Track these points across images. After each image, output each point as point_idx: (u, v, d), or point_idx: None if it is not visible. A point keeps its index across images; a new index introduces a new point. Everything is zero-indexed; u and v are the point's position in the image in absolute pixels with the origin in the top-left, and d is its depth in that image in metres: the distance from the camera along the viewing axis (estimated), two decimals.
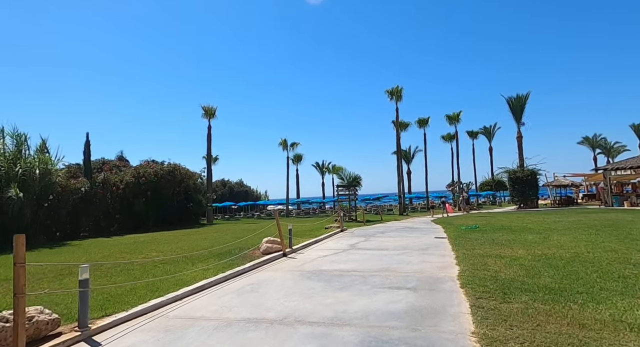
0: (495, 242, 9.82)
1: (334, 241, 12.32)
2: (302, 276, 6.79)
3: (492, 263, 6.97)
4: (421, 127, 38.54)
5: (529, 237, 10.40)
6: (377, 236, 13.11)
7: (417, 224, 18.97)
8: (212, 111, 30.42)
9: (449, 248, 9.43)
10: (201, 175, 28.68)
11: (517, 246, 8.86)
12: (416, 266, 7.20)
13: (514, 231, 12.13)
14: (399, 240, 11.73)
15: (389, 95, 30.68)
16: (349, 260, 8.31)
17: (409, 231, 14.64)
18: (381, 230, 15.73)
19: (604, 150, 51.91)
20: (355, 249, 10.01)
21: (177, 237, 16.01)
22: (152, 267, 8.06)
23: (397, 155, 31.24)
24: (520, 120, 31.79)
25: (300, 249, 10.35)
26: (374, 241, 11.86)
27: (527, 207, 30.59)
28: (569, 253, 7.59)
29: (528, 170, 30.90)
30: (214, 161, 47.73)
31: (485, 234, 11.68)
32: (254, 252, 9.46)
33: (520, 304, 4.36)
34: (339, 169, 24.68)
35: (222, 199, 47.88)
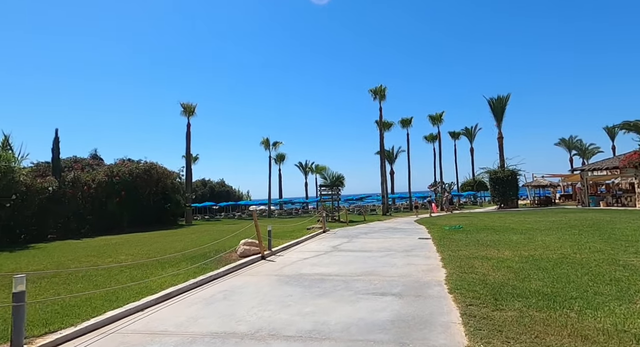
0: (480, 243, 9.60)
1: (316, 242, 11.89)
2: (280, 281, 6.32)
3: (479, 265, 6.68)
4: (404, 127, 38.59)
5: (513, 238, 10.25)
6: (360, 237, 12.76)
7: (401, 224, 18.76)
8: (191, 109, 29.48)
9: (434, 249, 9.14)
10: (180, 174, 27.75)
11: (502, 247, 8.65)
12: (401, 269, 6.84)
13: (497, 231, 12.00)
14: (383, 241, 11.40)
15: (373, 95, 30.53)
16: (330, 263, 7.89)
17: (393, 232, 14.36)
18: (364, 231, 15.41)
19: (580, 152, 53.41)
20: (338, 251, 9.61)
21: (152, 239, 15.24)
22: (117, 273, 7.42)
23: (381, 155, 31.10)
24: (501, 121, 32.19)
25: (280, 251, 9.86)
26: (357, 242, 11.49)
27: (507, 207, 30.97)
28: (556, 254, 7.39)
29: (508, 171, 31.28)
30: (194, 160, 46.58)
31: (469, 235, 11.49)
32: (230, 255, 8.92)
33: (514, 311, 4.03)
34: (322, 168, 24.30)
35: (202, 199, 46.75)
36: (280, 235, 13.48)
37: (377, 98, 30.41)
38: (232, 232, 14.19)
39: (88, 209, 20.87)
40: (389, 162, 45.78)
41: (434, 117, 37.69)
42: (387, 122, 35.38)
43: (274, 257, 8.89)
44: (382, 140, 30.86)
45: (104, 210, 21.37)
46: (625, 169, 23.87)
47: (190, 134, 29.46)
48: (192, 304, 5.05)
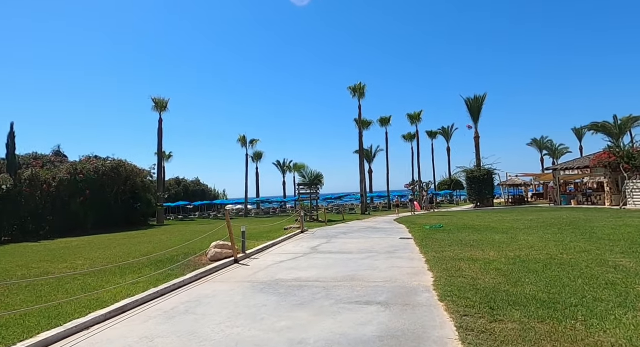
0: (463, 243, 9.31)
1: (294, 243, 11.30)
2: (254, 288, 5.71)
3: (467, 268, 6.30)
4: (383, 125, 38.54)
5: (495, 237, 10.03)
6: (339, 237, 12.27)
7: (380, 223, 18.44)
8: (163, 103, 28.12)
9: (417, 250, 8.75)
10: (151, 172, 26.40)
11: (486, 247, 8.36)
12: (385, 273, 6.37)
13: (478, 231, 11.80)
14: (363, 241, 10.95)
15: (352, 92, 30.14)
16: (309, 266, 7.34)
17: (373, 231, 13.97)
18: (343, 230, 14.95)
19: (550, 152, 55.22)
20: (317, 253, 9.06)
21: (117, 241, 14.21)
22: (69, 281, 6.59)
23: (360, 154, 30.82)
24: (478, 120, 32.60)
25: (255, 253, 9.22)
26: (336, 242, 10.99)
27: (483, 206, 31.40)
28: (542, 255, 7.14)
29: (484, 170, 31.72)
30: (167, 158, 44.92)
31: (450, 234, 11.22)
32: (200, 258, 8.21)
33: (515, 323, 3.61)
34: (301, 166, 23.69)
35: (176, 198, 45.13)
36: (256, 236, 12.81)
37: (356, 95, 30.06)
38: (205, 233, 13.39)
39: (48, 209, 19.38)
40: (367, 161, 45.70)
41: (412, 115, 37.83)
42: (366, 121, 35.17)
43: (248, 261, 8.24)
44: (361, 139, 30.59)
45: (66, 210, 19.91)
46: (595, 168, 24.55)
47: (162, 130, 28.18)
48: (149, 319, 4.37)
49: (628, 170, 22.07)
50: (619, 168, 22.57)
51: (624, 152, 22.95)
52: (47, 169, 20.99)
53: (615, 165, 22.99)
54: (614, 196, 23.85)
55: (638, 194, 21.56)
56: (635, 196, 21.64)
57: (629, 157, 22.48)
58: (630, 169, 22.08)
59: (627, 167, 22.14)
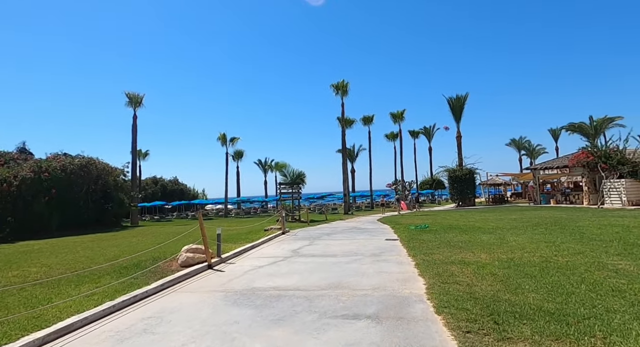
0: (452, 244, 8.90)
1: (274, 245, 10.66)
2: (227, 299, 5.06)
3: (459, 272, 5.85)
4: (366, 124, 38.25)
5: (483, 238, 9.69)
6: (322, 239, 11.70)
7: (364, 224, 17.99)
8: (138, 99, 26.81)
9: (405, 253, 8.28)
10: (124, 171, 25.12)
11: (476, 249, 7.97)
12: (373, 279, 5.83)
13: (465, 231, 11.47)
14: (348, 243, 10.41)
15: (335, 90, 29.63)
16: (290, 272, 6.73)
17: (357, 232, 13.47)
18: (327, 231, 14.40)
19: (528, 152, 56.39)
20: (298, 256, 8.46)
21: (83, 244, 13.19)
22: (14, 293, 5.76)
23: (343, 153, 30.35)
24: (460, 120, 32.71)
25: (232, 257, 8.53)
26: (319, 244, 10.41)
27: (465, 205, 31.51)
28: (536, 257, 6.77)
29: (466, 170, 31.83)
30: (143, 156, 43.31)
31: (437, 235, 10.83)
32: (170, 264, 7.47)
33: (527, 343, 3.12)
34: (282, 165, 23.01)
35: (153, 198, 43.52)
36: (234, 238, 12.10)
37: (339, 93, 29.57)
38: (180, 234, 12.59)
39: (8, 210, 17.99)
40: (350, 161, 45.37)
41: (396, 115, 37.68)
42: (349, 119, 34.74)
43: (224, 266, 7.56)
44: (344, 137, 30.14)
45: (28, 211, 18.55)
46: (574, 167, 24.91)
47: (137, 126, 26.85)
48: (98, 343, 3.67)
49: (605, 170, 22.44)
50: (597, 168, 22.93)
51: (601, 152, 23.36)
52: (9, 167, 19.54)
53: (593, 165, 23.36)
54: (592, 195, 24.24)
55: (615, 193, 21.93)
56: (613, 195, 22.01)
57: (606, 157, 22.87)
58: (607, 169, 22.46)
59: (605, 166, 22.52)
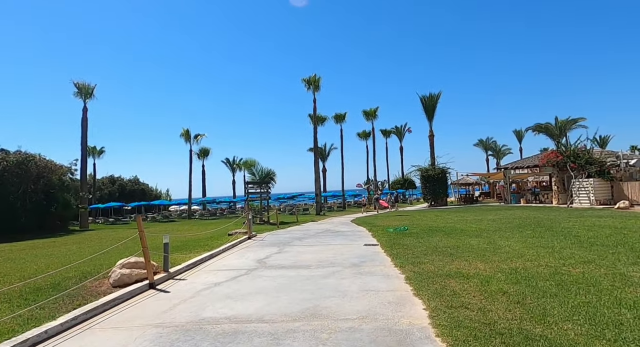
0: (439, 250, 7.89)
1: (237, 254, 9.22)
2: (160, 340, 3.64)
3: (462, 290, 4.76)
4: (338, 122, 37.25)
5: (472, 243, 8.77)
6: (293, 245, 10.39)
7: (338, 225, 16.84)
8: (88, 90, 24.17)
9: (389, 262, 7.15)
10: (72, 169, 22.53)
11: (470, 257, 6.97)
12: (358, 302, 4.60)
13: (449, 234, 10.56)
14: (322, 250, 9.16)
15: (306, 85, 28.31)
16: (253, 291, 5.38)
17: (332, 236, 12.25)
18: (298, 235, 13.10)
19: (494, 153, 57.73)
20: (265, 268, 7.10)
21: (7, 254, 11.14)
22: None
23: (315, 151, 29.12)
24: (432, 118, 32.45)
25: (184, 271, 7.04)
26: (290, 251, 9.10)
27: (437, 205, 31.22)
28: (543, 268, 5.83)
29: (439, 169, 31.56)
30: (98, 154, 40.09)
31: (420, 239, 9.83)
32: (101, 282, 5.91)
33: None
34: (251, 163, 21.42)
35: (109, 198, 40.37)
36: (192, 245, 10.54)
37: (310, 88, 28.27)
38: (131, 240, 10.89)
39: None
40: (321, 160, 44.27)
41: (368, 112, 36.86)
42: (321, 116, 33.63)
43: (170, 284, 6.08)
44: (316, 134, 28.93)
45: None
46: (544, 167, 25.07)
47: (88, 120, 24.21)
48: None
49: (574, 169, 22.64)
50: (566, 167, 23.12)
51: (570, 152, 23.58)
52: None
53: (563, 164, 23.54)
54: (561, 194, 24.47)
55: (584, 193, 22.14)
56: (581, 194, 22.21)
57: (575, 156, 23.09)
58: (576, 169, 22.67)
59: (574, 166, 22.71)
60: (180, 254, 8.58)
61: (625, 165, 22.39)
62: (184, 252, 9.06)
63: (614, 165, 22.57)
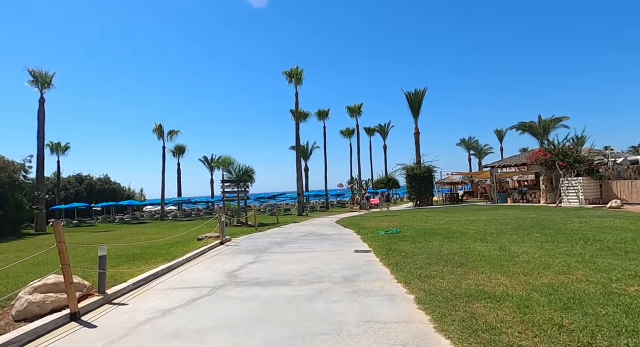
0: (445, 258, 6.64)
1: (204, 264, 7.70)
2: None
3: (499, 322, 3.48)
4: (321, 119, 35.87)
5: (478, 248, 7.58)
6: (272, 251, 8.93)
7: (323, 227, 15.46)
8: (45, 79, 21.82)
9: (389, 275, 5.82)
10: (25, 166, 20.24)
11: (485, 268, 5.74)
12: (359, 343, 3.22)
13: (448, 238, 9.36)
14: (306, 258, 7.75)
15: (288, 78, 26.75)
16: (213, 326, 3.92)
17: (317, 240, 10.85)
18: (278, 239, 11.63)
19: (476, 152, 57.75)
20: (234, 285, 5.64)
21: None
22: None
23: (297, 148, 27.62)
24: (418, 115, 31.53)
25: (129, 291, 5.48)
26: (267, 261, 7.64)
27: (423, 205, 30.35)
28: (585, 284, 4.65)
29: (425, 167, 30.69)
30: (63, 150, 37.31)
31: (418, 244, 8.58)
32: (4, 312, 4.30)
33: None
34: (227, 160, 19.74)
35: (76, 198, 37.64)
36: (152, 252, 8.93)
37: (292, 81, 26.74)
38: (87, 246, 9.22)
39: None
40: (303, 159, 42.83)
41: (353, 108, 35.58)
42: (303, 112, 32.15)
43: (102, 313, 4.53)
44: (298, 131, 27.42)
45: None
46: (532, 165, 24.48)
47: (45, 112, 21.84)
48: None
49: (563, 167, 22.09)
50: (555, 166, 22.55)
51: (558, 150, 23.04)
52: None
53: (551, 163, 22.98)
54: (549, 193, 23.94)
55: (572, 192, 21.59)
56: (570, 193, 21.66)
57: (563, 154, 22.56)
58: (565, 167, 22.12)
59: (562, 164, 22.15)
60: (131, 267, 7.01)
61: (613, 163, 22.02)
62: (138, 263, 7.47)
63: (601, 163, 22.16)
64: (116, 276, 6.15)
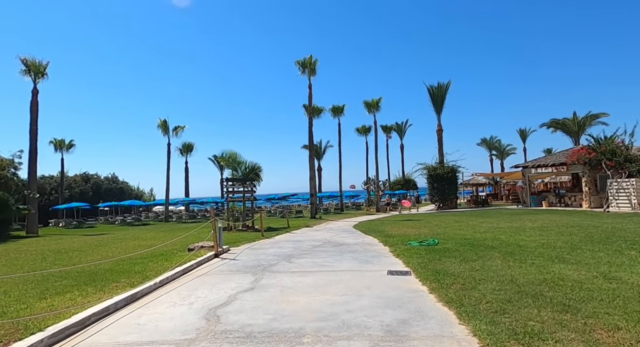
0: (530, 293, 4.45)
1: (181, 291, 5.61)
2: None
3: None
4: (335, 116, 33.65)
5: (568, 274, 5.33)
6: (278, 271, 6.80)
7: (339, 233, 13.30)
8: (39, 68, 20.25)
9: (459, 327, 3.62)
10: (14, 162, 18.65)
11: (616, 316, 3.51)
12: None
13: (508, 253, 7.11)
14: (324, 285, 5.59)
15: (300, 68, 24.65)
16: None
17: (335, 253, 8.67)
18: (287, 250, 9.52)
19: (498, 152, 54.67)
20: (211, 343, 3.52)
21: None
22: None
23: (310, 145, 25.50)
24: (441, 111, 29.09)
25: None
26: (269, 288, 5.52)
27: (446, 208, 27.89)
28: None
29: (448, 167, 28.21)
30: (67, 148, 36.08)
31: (472, 263, 6.36)
32: None
33: None
34: (232, 156, 17.79)
35: (80, 198, 36.35)
36: (122, 269, 6.92)
37: (305, 72, 24.65)
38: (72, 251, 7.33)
39: None
40: (316, 158, 40.72)
41: (370, 103, 33.11)
42: (317, 108, 30.02)
43: None
44: (311, 127, 25.29)
45: None
46: (573, 165, 21.79)
47: (38, 103, 20.26)
48: None
49: (611, 168, 19.38)
50: (601, 165, 19.85)
51: (605, 148, 20.31)
52: None
53: (596, 162, 20.29)
54: (593, 197, 21.26)
55: (623, 195, 18.85)
56: (621, 197, 18.93)
57: (612, 153, 19.83)
58: (613, 167, 19.42)
59: (611, 164, 19.44)
60: (76, 296, 4.98)
61: None
62: (91, 289, 5.45)
63: None
64: (41, 312, 4.13)
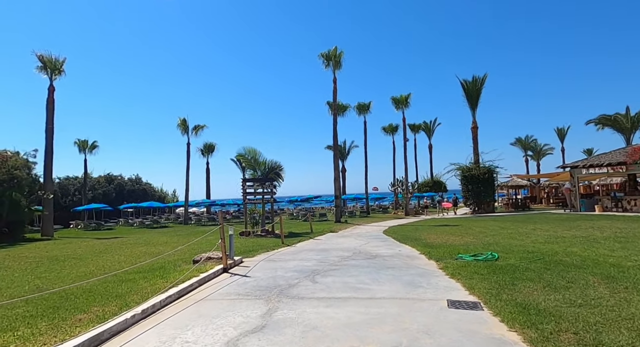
0: None
1: (166, 330, 4.16)
2: None
3: None
4: (361, 113, 31.95)
5: None
6: (299, 296, 5.24)
7: (369, 240, 11.63)
8: (55, 65, 19.72)
9: None
10: (28, 161, 18.11)
11: None
12: None
13: (606, 277, 5.31)
14: (361, 322, 3.99)
15: (324, 61, 23.14)
16: None
17: (370, 268, 7.03)
18: (311, 262, 7.96)
19: (534, 153, 51.20)
20: None
21: None
22: None
23: (334, 144, 23.91)
24: (476, 107, 26.80)
25: None
26: (286, 328, 3.98)
27: (482, 212, 25.59)
28: None
29: (484, 168, 25.91)
30: (90, 149, 36.12)
31: (565, 292, 4.66)
32: None
33: None
34: (251, 153, 16.47)
35: (104, 199, 36.29)
36: (103, 290, 5.58)
37: (329, 65, 23.14)
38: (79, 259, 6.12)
39: None
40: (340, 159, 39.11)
41: (398, 99, 30.97)
42: (341, 104, 28.50)
43: None
44: (336, 125, 23.72)
45: None
46: (635, 164, 19.16)
47: (54, 101, 19.73)
48: None
49: None
50: None
51: None
52: None
53: None
54: None
55: None
56: None
57: None
58: None
59: None
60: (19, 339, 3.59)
61: None
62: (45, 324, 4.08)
63: None
64: None
